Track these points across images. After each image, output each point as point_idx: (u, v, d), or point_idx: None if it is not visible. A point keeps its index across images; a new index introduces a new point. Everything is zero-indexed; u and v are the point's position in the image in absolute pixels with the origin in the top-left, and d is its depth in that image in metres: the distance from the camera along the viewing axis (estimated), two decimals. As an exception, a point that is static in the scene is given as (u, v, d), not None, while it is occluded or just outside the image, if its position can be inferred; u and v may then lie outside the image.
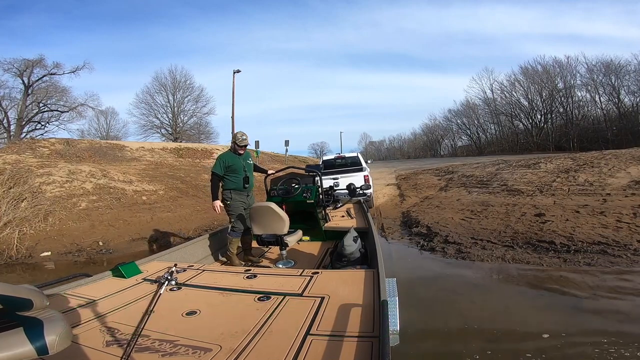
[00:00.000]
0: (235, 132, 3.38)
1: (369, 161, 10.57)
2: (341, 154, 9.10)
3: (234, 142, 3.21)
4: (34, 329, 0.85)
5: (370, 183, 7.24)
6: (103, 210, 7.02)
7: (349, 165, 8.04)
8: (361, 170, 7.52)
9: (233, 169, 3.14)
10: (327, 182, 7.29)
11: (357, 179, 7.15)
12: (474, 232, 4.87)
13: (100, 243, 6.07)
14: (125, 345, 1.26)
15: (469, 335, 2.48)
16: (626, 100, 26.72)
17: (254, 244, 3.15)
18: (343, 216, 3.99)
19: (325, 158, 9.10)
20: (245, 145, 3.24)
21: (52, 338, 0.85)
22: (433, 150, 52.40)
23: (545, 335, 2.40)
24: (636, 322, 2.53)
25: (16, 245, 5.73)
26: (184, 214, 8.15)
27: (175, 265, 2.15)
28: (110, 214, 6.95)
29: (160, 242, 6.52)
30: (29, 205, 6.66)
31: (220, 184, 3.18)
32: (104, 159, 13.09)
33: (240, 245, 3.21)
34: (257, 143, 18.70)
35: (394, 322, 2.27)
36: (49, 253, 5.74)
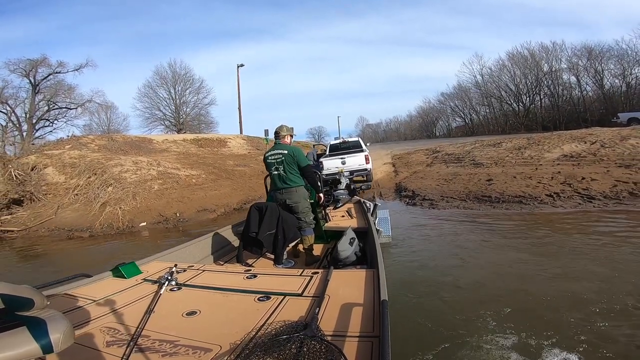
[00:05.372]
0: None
1: (367, 144, 12.70)
2: (345, 139, 11.36)
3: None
4: (38, 328, 0.90)
5: (370, 161, 9.48)
6: (170, 191, 9.26)
7: (352, 147, 10.22)
8: (362, 151, 9.70)
9: None
10: (335, 162, 9.51)
11: (359, 159, 9.37)
12: (443, 193, 7.19)
13: (177, 214, 8.32)
14: (125, 346, 1.28)
15: (431, 242, 4.71)
16: (608, 84, 28.51)
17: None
18: (343, 216, 4.07)
19: (332, 143, 11.29)
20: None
21: (57, 336, 0.90)
22: (428, 132, 54.24)
23: (476, 246, 4.73)
24: (512, 235, 4.86)
25: (120, 219, 7.97)
26: (226, 192, 10.39)
27: (176, 265, 2.18)
28: (176, 193, 9.19)
29: (218, 212, 8.79)
30: (117, 189, 8.87)
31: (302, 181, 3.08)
32: (140, 151, 15.16)
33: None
34: (266, 132, 20.71)
35: (387, 230, 4.49)
36: (145, 223, 7.94)
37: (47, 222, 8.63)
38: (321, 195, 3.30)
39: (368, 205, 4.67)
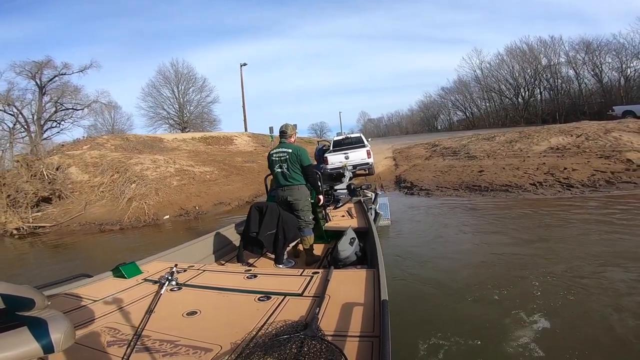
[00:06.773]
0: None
1: (369, 139, 13.39)
2: (348, 135, 12.04)
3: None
4: (39, 328, 0.91)
5: (372, 156, 10.19)
6: (188, 186, 10.06)
7: (355, 143, 10.88)
8: (364, 146, 10.38)
9: None
10: (339, 157, 10.20)
11: (361, 153, 10.06)
12: (438, 183, 7.93)
13: (197, 208, 9.11)
14: (126, 346, 1.29)
15: (424, 223, 5.48)
16: (606, 77, 28.85)
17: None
18: (343, 216, 4.07)
19: (335, 139, 11.97)
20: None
21: (58, 336, 0.91)
22: (430, 126, 54.57)
23: (464, 227, 5.49)
24: (499, 214, 5.61)
25: (146, 212, 8.78)
26: (238, 186, 11.18)
27: (176, 265, 2.19)
28: (194, 188, 9.99)
29: (232, 205, 9.58)
30: (140, 185, 9.67)
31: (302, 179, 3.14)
32: (153, 150, 15.95)
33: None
34: (271, 129, 21.42)
35: (387, 215, 5.27)
36: (168, 216, 8.70)
37: (77, 218, 9.45)
38: (320, 197, 3.37)
39: (369, 194, 5.21)
